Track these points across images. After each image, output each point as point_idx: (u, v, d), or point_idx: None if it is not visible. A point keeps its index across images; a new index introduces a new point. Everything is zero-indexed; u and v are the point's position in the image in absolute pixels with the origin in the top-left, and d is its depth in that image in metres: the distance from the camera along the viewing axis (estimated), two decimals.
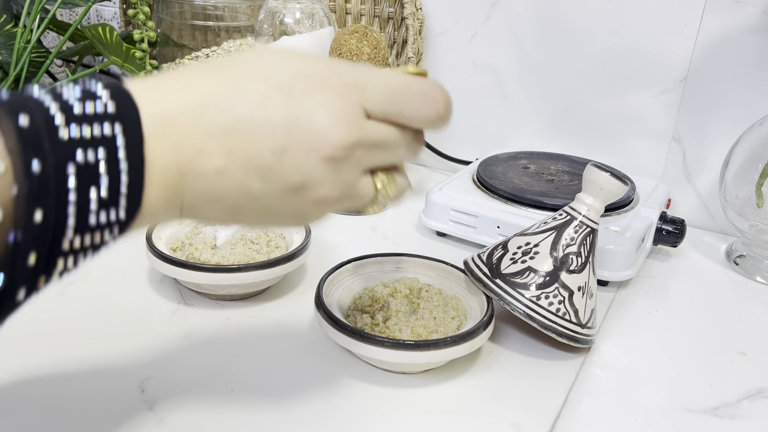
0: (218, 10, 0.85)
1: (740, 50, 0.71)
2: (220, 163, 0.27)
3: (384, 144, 0.30)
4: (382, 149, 0.30)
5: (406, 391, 0.46)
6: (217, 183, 0.27)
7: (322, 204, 0.30)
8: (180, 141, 0.26)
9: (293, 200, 0.29)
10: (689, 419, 0.46)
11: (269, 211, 0.29)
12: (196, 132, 0.27)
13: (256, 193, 0.28)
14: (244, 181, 0.28)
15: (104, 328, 0.51)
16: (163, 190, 0.26)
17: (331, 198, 0.30)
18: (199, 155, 0.27)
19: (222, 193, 0.28)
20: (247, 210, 0.29)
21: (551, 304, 0.49)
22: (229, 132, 0.27)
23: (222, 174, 0.27)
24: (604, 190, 0.50)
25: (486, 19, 0.84)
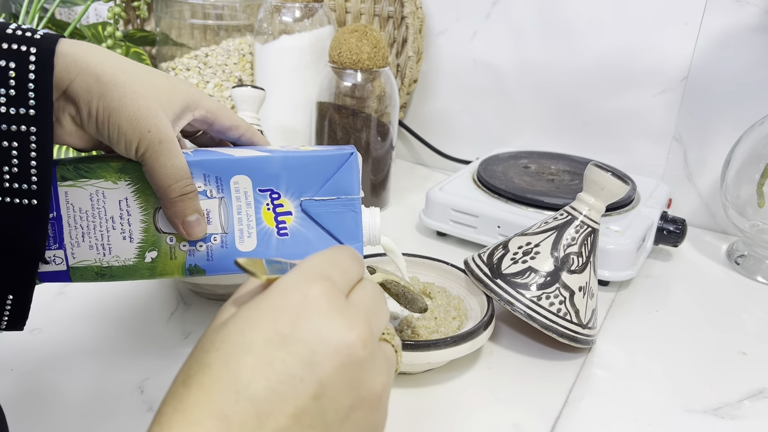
0: (217, 9, 0.85)
1: (741, 49, 0.71)
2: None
3: (376, 305, 0.30)
4: (376, 309, 0.30)
5: (406, 391, 0.46)
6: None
7: (383, 397, 0.28)
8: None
9: (360, 418, 0.27)
10: (690, 419, 0.46)
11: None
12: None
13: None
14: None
15: (103, 328, 0.51)
16: None
17: (384, 387, 0.28)
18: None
19: None
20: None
21: (552, 305, 0.48)
22: (263, 422, 0.25)
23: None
24: (605, 189, 0.50)
25: (486, 18, 0.84)
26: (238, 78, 0.84)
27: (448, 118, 0.91)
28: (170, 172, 0.36)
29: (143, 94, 0.36)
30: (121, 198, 0.38)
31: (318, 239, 0.40)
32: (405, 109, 0.93)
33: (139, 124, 0.35)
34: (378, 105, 0.72)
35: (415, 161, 0.96)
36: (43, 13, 0.84)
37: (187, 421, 0.25)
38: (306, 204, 0.40)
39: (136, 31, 0.91)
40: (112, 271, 0.39)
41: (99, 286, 0.56)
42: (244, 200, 0.39)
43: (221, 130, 0.42)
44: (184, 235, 0.38)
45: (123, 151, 0.36)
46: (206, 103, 0.40)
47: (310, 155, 0.40)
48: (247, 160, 0.39)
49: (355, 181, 0.40)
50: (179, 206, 0.37)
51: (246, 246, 0.40)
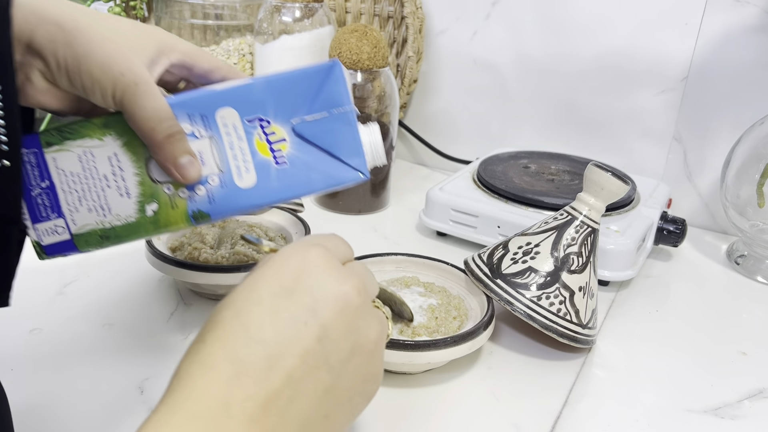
0: (217, 9, 0.85)
1: (741, 49, 0.71)
2: (290, 391, 0.27)
3: (365, 273, 0.33)
4: (367, 277, 0.33)
5: (406, 391, 0.46)
6: (299, 407, 0.28)
7: (377, 347, 0.31)
8: (248, 411, 0.26)
9: (359, 363, 0.30)
10: (690, 419, 0.46)
11: (351, 391, 0.30)
12: (256, 391, 0.27)
13: (331, 384, 0.29)
14: (316, 385, 0.28)
15: (103, 328, 0.51)
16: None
17: (379, 337, 0.31)
18: (270, 401, 0.27)
19: (308, 411, 0.28)
20: (335, 407, 0.29)
21: (552, 305, 0.48)
22: (273, 363, 0.27)
23: (296, 397, 0.28)
24: (605, 189, 0.50)
25: (486, 17, 0.84)
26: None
27: (448, 118, 0.91)
28: (151, 113, 0.35)
29: (111, 38, 0.35)
30: (110, 154, 0.37)
31: (318, 162, 0.39)
32: (405, 109, 0.93)
33: (111, 68, 0.34)
34: (378, 105, 0.72)
35: (415, 161, 0.96)
36: None
37: (204, 368, 0.27)
38: (298, 127, 0.38)
39: None
40: (116, 232, 0.38)
41: (99, 286, 0.56)
42: (234, 134, 0.38)
43: (201, 73, 0.41)
44: (178, 179, 0.37)
45: (100, 100, 0.35)
46: (181, 47, 0.39)
47: (292, 73, 0.38)
48: (229, 91, 0.38)
49: (343, 91, 0.38)
50: (168, 149, 0.36)
51: (246, 182, 0.39)
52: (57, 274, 0.58)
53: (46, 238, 0.38)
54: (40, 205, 0.38)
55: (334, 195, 0.75)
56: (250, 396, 0.26)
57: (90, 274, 0.58)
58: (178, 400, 0.26)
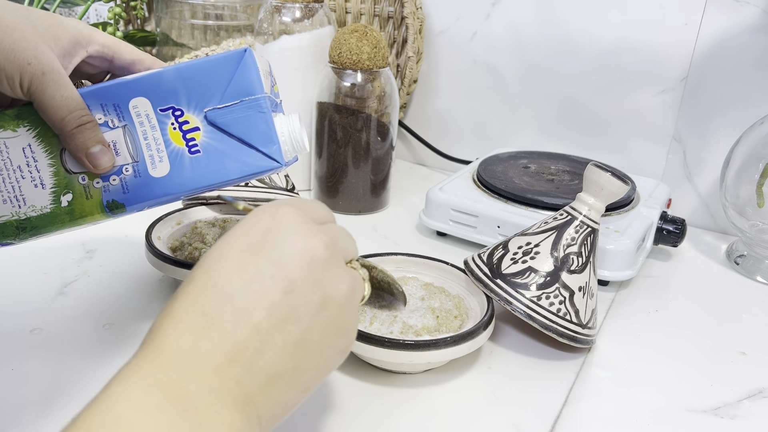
0: (218, 9, 0.85)
1: (741, 50, 0.71)
2: (257, 343, 0.28)
3: (340, 233, 0.34)
4: (342, 237, 0.34)
5: (406, 391, 0.46)
6: (266, 358, 0.28)
7: (349, 300, 0.31)
8: (215, 361, 0.27)
9: (329, 316, 0.30)
10: (689, 419, 0.46)
11: (321, 344, 0.30)
12: (222, 342, 0.28)
13: (300, 337, 0.29)
14: (284, 337, 0.29)
15: (103, 328, 0.51)
16: (236, 410, 0.27)
17: (350, 290, 0.31)
18: (236, 352, 0.28)
19: (276, 364, 0.29)
20: (305, 360, 0.30)
21: (552, 305, 0.48)
22: (240, 316, 0.28)
23: (264, 349, 0.28)
24: (605, 189, 0.50)
25: (486, 18, 0.84)
26: None
27: (448, 118, 0.92)
28: (60, 103, 0.35)
29: (19, 27, 0.35)
30: (24, 145, 0.37)
31: (232, 149, 0.39)
32: (405, 109, 0.93)
33: (17, 56, 0.34)
34: (378, 105, 0.72)
35: (415, 161, 0.96)
36: None
37: (174, 321, 0.28)
38: (210, 114, 0.38)
39: (136, 32, 0.91)
40: (32, 223, 0.38)
41: (98, 286, 0.56)
42: (147, 124, 0.38)
43: (124, 65, 0.40)
44: (90, 168, 0.37)
45: (8, 90, 0.35)
46: (100, 38, 0.39)
47: (203, 61, 0.38)
48: (141, 79, 0.38)
49: (255, 79, 0.38)
50: (79, 138, 0.36)
51: (159, 171, 0.39)
52: (57, 274, 0.58)
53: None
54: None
55: (334, 195, 0.75)
56: (216, 346, 0.27)
57: (90, 274, 0.58)
58: (148, 351, 0.27)
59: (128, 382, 0.26)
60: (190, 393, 0.26)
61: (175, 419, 0.25)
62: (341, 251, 0.32)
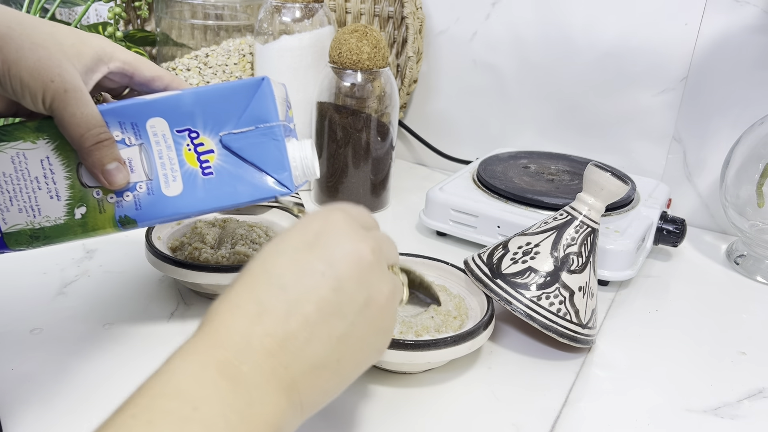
0: (218, 9, 0.85)
1: (741, 50, 0.71)
2: (306, 333, 0.30)
3: (385, 239, 0.36)
4: (386, 243, 0.36)
5: (406, 391, 0.46)
6: (313, 349, 0.30)
7: (390, 302, 0.33)
8: (266, 346, 0.29)
9: (371, 316, 0.32)
10: (689, 419, 0.46)
11: (362, 340, 0.32)
12: (275, 329, 0.30)
13: (344, 332, 0.31)
14: (330, 331, 0.31)
15: (103, 328, 0.51)
16: (282, 393, 0.29)
17: (391, 294, 0.33)
18: (287, 339, 0.29)
19: (321, 354, 0.30)
20: (347, 354, 0.32)
21: (552, 305, 0.48)
22: (292, 307, 0.30)
23: (311, 340, 0.30)
24: (605, 189, 0.50)
25: (486, 18, 0.84)
26: (239, 78, 0.84)
27: (448, 118, 0.92)
28: (80, 120, 0.36)
29: (43, 45, 0.35)
30: (42, 157, 0.38)
31: (245, 173, 0.40)
32: (405, 109, 0.93)
33: (41, 74, 0.35)
34: (378, 105, 0.72)
35: (415, 161, 0.96)
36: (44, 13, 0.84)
37: (231, 306, 0.30)
38: (225, 139, 0.39)
39: (136, 32, 0.91)
40: (45, 233, 0.39)
41: (98, 286, 0.56)
42: (163, 143, 0.39)
43: (143, 82, 0.41)
44: (105, 184, 0.38)
45: (30, 105, 0.36)
46: (122, 55, 0.40)
47: (221, 87, 0.39)
48: (159, 100, 0.38)
49: (271, 107, 0.39)
50: (96, 155, 0.37)
51: (172, 190, 0.39)
52: (57, 274, 0.58)
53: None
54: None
55: (334, 195, 0.75)
56: (269, 333, 0.29)
57: (90, 274, 0.58)
58: (205, 332, 0.29)
59: (187, 358, 0.28)
60: (242, 373, 0.28)
61: (227, 395, 0.27)
62: (385, 256, 0.34)
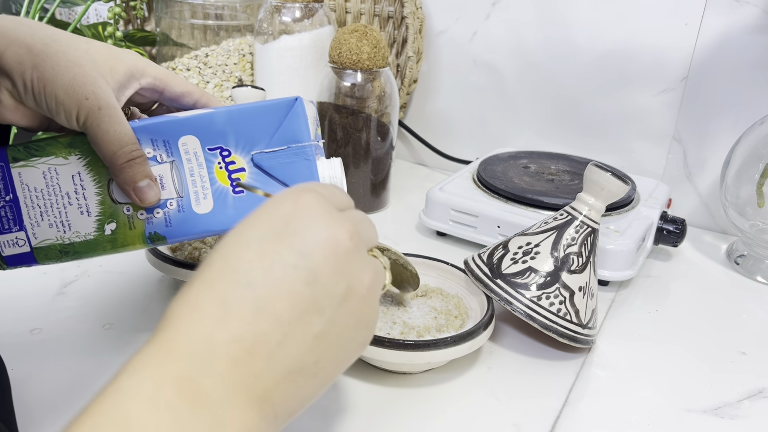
0: (217, 9, 0.85)
1: (741, 49, 0.71)
2: (278, 335, 0.27)
3: (362, 219, 0.33)
4: (364, 224, 0.33)
5: (406, 391, 0.46)
6: (287, 351, 0.27)
7: (371, 291, 0.30)
8: (232, 353, 0.26)
9: (352, 308, 0.29)
10: (690, 419, 0.46)
11: (343, 336, 0.29)
12: (241, 333, 0.26)
13: (322, 329, 0.28)
14: (306, 330, 0.28)
15: (103, 328, 0.51)
16: (253, 407, 0.26)
17: (372, 282, 0.30)
18: (256, 344, 0.26)
19: (297, 357, 0.27)
20: (326, 353, 0.29)
21: (552, 305, 0.48)
22: (260, 306, 0.27)
23: (284, 341, 0.27)
24: (605, 189, 0.50)
25: (486, 18, 0.84)
26: (238, 78, 0.84)
27: (448, 118, 0.92)
28: (113, 138, 0.36)
29: (78, 62, 0.35)
30: (74, 173, 0.38)
31: (274, 192, 0.40)
32: (405, 109, 0.93)
33: (76, 91, 0.35)
34: (378, 105, 0.72)
35: (415, 161, 0.96)
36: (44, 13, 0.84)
37: (190, 309, 0.26)
38: (257, 158, 0.39)
39: (136, 31, 0.91)
40: (75, 248, 0.39)
41: (99, 286, 0.56)
42: (195, 161, 0.39)
43: (173, 97, 0.41)
44: (137, 201, 0.38)
45: (64, 122, 0.36)
46: (153, 71, 0.40)
47: (254, 106, 0.39)
48: (192, 118, 0.39)
49: (303, 127, 0.39)
50: (128, 172, 0.37)
51: (203, 208, 0.39)
52: (57, 274, 0.58)
53: (6, 249, 0.39)
54: (2, 218, 0.39)
55: None
56: (235, 338, 0.26)
57: (90, 274, 0.58)
58: (160, 341, 0.25)
59: (138, 375, 0.24)
60: (204, 389, 0.24)
61: (186, 418, 0.23)
62: (364, 240, 0.31)
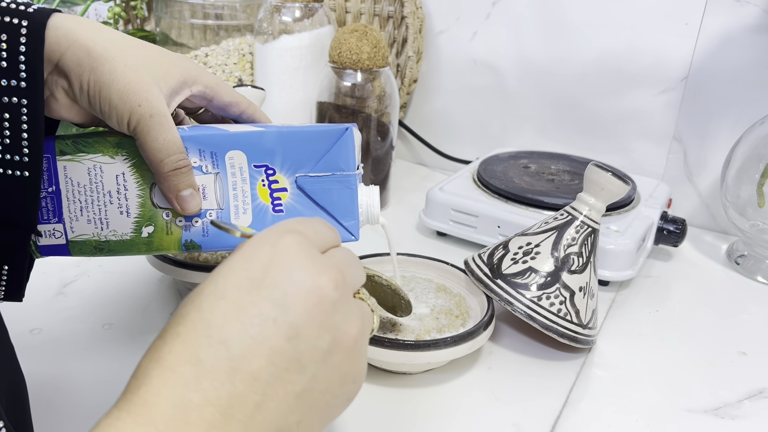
0: (217, 9, 0.85)
1: (741, 49, 0.71)
2: (256, 396, 0.25)
3: (347, 260, 0.31)
4: (349, 266, 0.31)
5: (406, 391, 0.46)
6: (266, 413, 0.25)
7: (357, 344, 0.29)
8: (207, 417, 0.24)
9: (337, 362, 0.28)
10: (690, 419, 0.45)
11: (327, 393, 0.28)
12: (217, 395, 0.25)
13: (304, 387, 0.26)
14: (287, 389, 0.26)
15: (103, 328, 0.51)
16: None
17: (359, 333, 0.29)
18: (232, 407, 0.25)
19: (277, 418, 0.26)
20: (309, 412, 0.27)
21: (552, 305, 0.48)
22: (237, 365, 0.25)
23: (264, 402, 0.25)
24: (606, 189, 0.50)
25: (486, 17, 0.84)
26: (238, 78, 0.84)
27: (448, 118, 0.91)
28: (162, 146, 0.36)
29: (135, 68, 0.36)
30: (118, 173, 0.38)
31: (313, 215, 0.40)
32: (405, 109, 0.93)
33: (130, 97, 0.35)
34: (378, 105, 0.72)
35: (415, 161, 0.96)
36: None
37: (162, 368, 0.25)
38: (301, 180, 0.40)
39: (136, 31, 0.91)
40: (110, 246, 0.40)
41: (99, 286, 0.56)
42: (239, 176, 0.39)
43: (221, 106, 0.41)
44: (178, 209, 0.38)
45: (115, 125, 0.36)
46: (205, 79, 0.40)
47: (305, 130, 0.39)
48: (242, 135, 0.39)
49: (350, 157, 0.40)
50: (172, 181, 0.37)
51: (241, 222, 0.40)
52: (57, 274, 0.58)
53: (43, 239, 0.39)
54: (43, 208, 0.39)
55: None
56: (210, 401, 0.24)
57: (90, 274, 0.58)
58: (132, 403, 0.24)
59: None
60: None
61: None
62: (350, 285, 0.29)
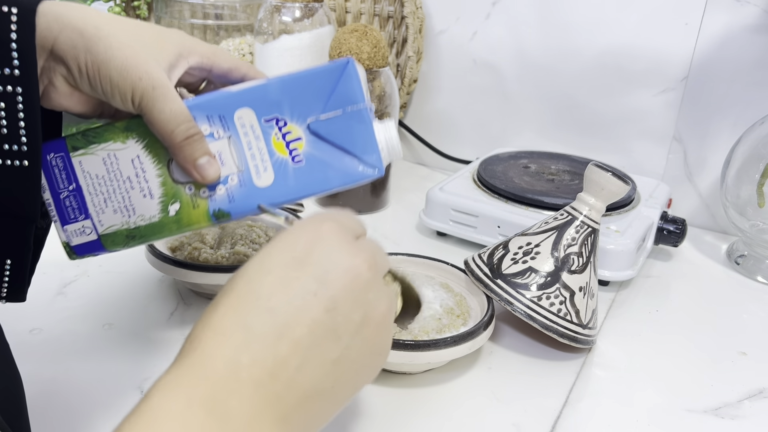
0: (217, 9, 0.85)
1: (741, 49, 0.71)
2: (298, 359, 0.28)
3: (377, 248, 0.33)
4: (379, 252, 0.33)
5: (406, 391, 0.46)
6: (306, 376, 0.28)
7: (386, 320, 0.31)
8: (255, 376, 0.27)
9: (367, 335, 0.30)
10: (690, 419, 0.45)
11: (358, 362, 0.30)
12: (264, 357, 0.27)
13: (339, 355, 0.29)
14: (324, 355, 0.29)
15: (103, 328, 0.51)
16: (274, 427, 0.27)
17: (387, 310, 0.31)
18: (277, 368, 0.27)
19: (315, 381, 0.28)
20: (342, 378, 0.30)
21: (552, 305, 0.48)
22: (282, 331, 0.28)
23: (304, 366, 0.28)
24: (606, 189, 0.50)
25: (486, 17, 0.84)
26: None
27: (448, 118, 0.91)
28: (169, 116, 0.36)
29: (130, 44, 0.36)
30: (133, 156, 0.38)
31: (334, 159, 0.40)
32: (405, 109, 0.93)
33: (129, 73, 0.35)
34: (378, 105, 0.72)
35: (415, 161, 0.96)
36: None
37: (215, 333, 0.28)
38: (314, 125, 0.39)
39: None
40: (141, 231, 0.39)
41: (98, 286, 0.56)
42: (252, 134, 0.39)
43: (221, 73, 0.41)
44: (198, 179, 0.38)
45: (120, 104, 0.36)
46: (200, 49, 0.40)
47: (307, 73, 0.39)
48: (246, 91, 0.39)
49: (357, 89, 0.39)
50: (187, 150, 0.37)
51: (264, 180, 0.39)
52: (57, 274, 0.58)
53: (74, 239, 0.39)
54: (68, 207, 0.39)
55: (334, 195, 0.75)
56: (257, 361, 0.27)
57: (90, 274, 0.58)
58: (188, 363, 0.27)
59: (169, 394, 0.26)
60: (231, 409, 0.26)
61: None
62: (380, 268, 0.32)
